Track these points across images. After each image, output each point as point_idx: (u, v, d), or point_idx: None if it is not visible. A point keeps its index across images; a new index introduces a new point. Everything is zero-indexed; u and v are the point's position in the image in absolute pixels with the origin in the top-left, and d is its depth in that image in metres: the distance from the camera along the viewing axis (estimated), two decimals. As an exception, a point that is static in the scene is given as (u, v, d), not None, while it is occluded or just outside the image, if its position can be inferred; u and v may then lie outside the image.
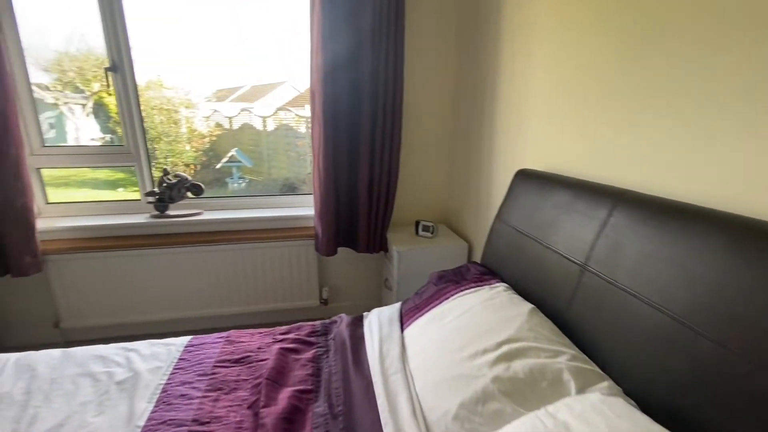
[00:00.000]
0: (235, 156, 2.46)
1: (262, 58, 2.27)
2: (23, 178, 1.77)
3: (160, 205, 2.07)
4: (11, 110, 1.71)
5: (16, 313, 2.01)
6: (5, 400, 0.99)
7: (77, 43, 2.05)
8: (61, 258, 1.92)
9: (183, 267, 2.04)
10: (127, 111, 2.01)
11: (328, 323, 1.38)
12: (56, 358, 1.16)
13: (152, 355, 1.18)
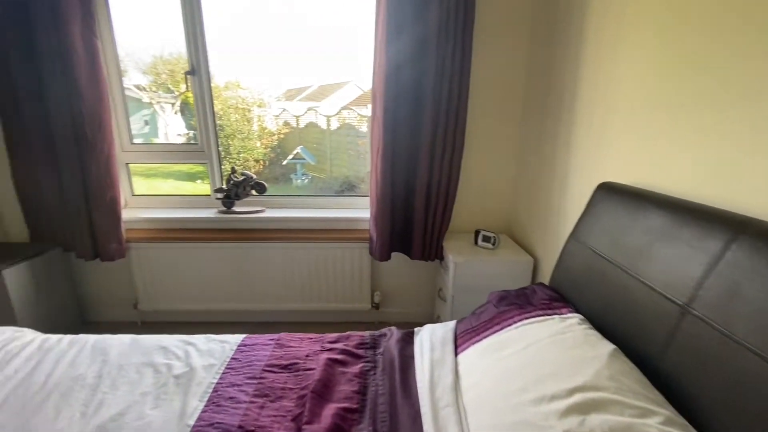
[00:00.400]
0: (299, 153, 2.51)
1: (329, 58, 2.28)
2: (113, 174, 1.95)
3: (227, 201, 2.17)
4: (105, 112, 1.89)
5: (103, 292, 2.24)
6: (79, 382, 1.07)
7: (169, 48, 2.23)
8: (141, 246, 2.10)
9: (244, 262, 2.13)
10: (202, 112, 2.13)
11: (378, 336, 1.32)
12: (126, 344, 1.25)
13: (208, 352, 1.22)
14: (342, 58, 2.28)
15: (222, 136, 2.58)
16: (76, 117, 1.82)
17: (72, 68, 1.77)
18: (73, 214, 1.96)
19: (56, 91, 1.80)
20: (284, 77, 2.43)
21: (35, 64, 1.78)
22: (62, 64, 1.76)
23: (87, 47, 1.80)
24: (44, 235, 2.05)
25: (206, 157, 2.21)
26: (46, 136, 1.88)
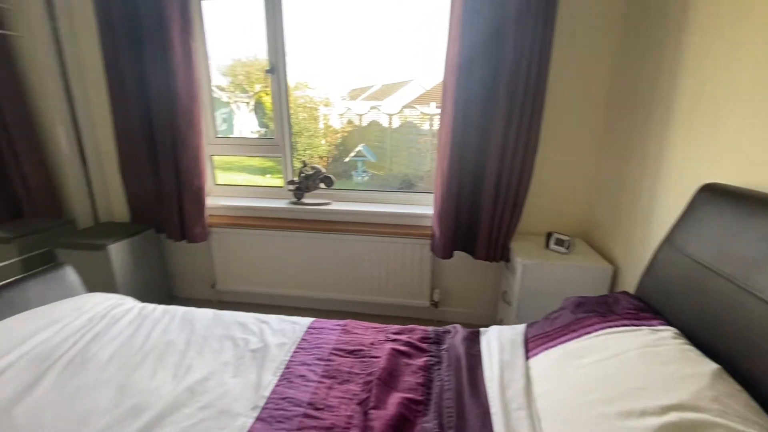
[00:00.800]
0: (361, 151, 2.57)
1: (393, 57, 2.30)
2: (200, 164, 2.14)
3: (297, 192, 2.29)
4: (196, 108, 2.08)
5: (187, 271, 2.48)
6: (171, 347, 1.19)
7: (246, 52, 2.40)
8: (221, 231, 2.28)
9: (311, 251, 2.22)
10: (279, 108, 2.26)
11: (442, 332, 1.31)
12: (209, 317, 1.37)
13: (280, 331, 1.29)
14: (406, 57, 2.28)
15: (292, 135, 2.72)
16: (172, 113, 2.03)
17: (171, 69, 1.97)
18: (166, 200, 2.19)
19: (158, 89, 2.02)
20: (349, 77, 2.50)
21: (142, 64, 2.01)
22: (163, 65, 1.97)
23: (184, 50, 2.00)
24: (142, 216, 2.32)
25: (280, 151, 2.34)
26: (147, 129, 2.12)
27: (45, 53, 2.10)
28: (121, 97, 2.10)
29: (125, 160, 2.21)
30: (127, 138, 2.16)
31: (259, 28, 2.16)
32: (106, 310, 1.39)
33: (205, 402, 0.98)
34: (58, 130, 2.21)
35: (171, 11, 1.91)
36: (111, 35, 2.00)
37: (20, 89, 2.19)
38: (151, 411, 0.93)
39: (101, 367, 1.09)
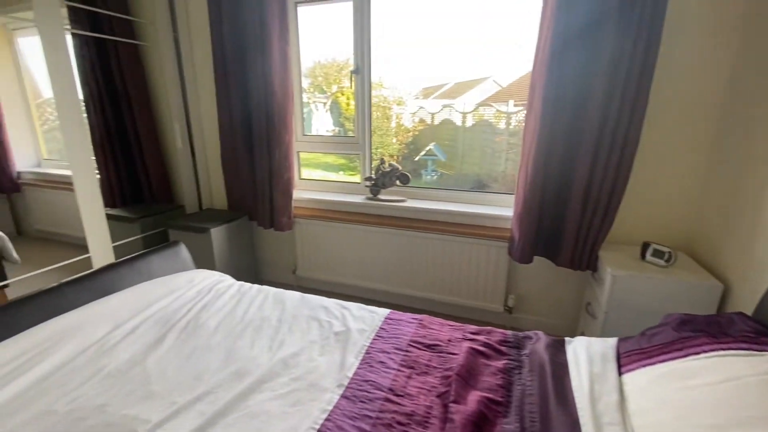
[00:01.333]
0: (432, 150, 2.57)
1: (468, 54, 2.25)
2: (290, 159, 2.32)
3: (374, 189, 2.37)
4: (289, 108, 2.26)
5: (272, 256, 2.71)
6: (266, 322, 1.32)
7: (326, 53, 2.54)
8: (304, 222, 2.45)
9: (386, 246, 2.29)
10: (361, 108, 2.36)
11: (522, 337, 1.27)
12: (297, 299, 1.48)
13: (360, 318, 1.36)
14: (482, 53, 2.22)
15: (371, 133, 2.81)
16: (269, 111, 2.23)
17: (269, 72, 2.16)
18: (259, 191, 2.41)
19: (256, 90, 2.23)
20: (423, 75, 2.49)
21: (244, 68, 2.24)
22: (263, 68, 2.17)
23: (281, 54, 2.18)
24: (237, 205, 2.58)
25: (360, 149, 2.44)
26: (246, 127, 2.35)
27: (167, 60, 2.44)
28: (225, 98, 2.36)
29: (226, 154, 2.48)
30: (228, 135, 2.42)
31: (342, 30, 2.27)
32: (212, 284, 1.58)
33: (296, 374, 1.07)
34: (175, 128, 2.54)
35: (272, 20, 2.10)
36: (220, 44, 2.26)
37: (146, 92, 2.58)
38: (252, 376, 1.05)
39: (210, 333, 1.25)
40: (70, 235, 3.21)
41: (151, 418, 0.90)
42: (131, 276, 1.50)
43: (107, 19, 2.37)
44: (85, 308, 1.28)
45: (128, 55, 2.48)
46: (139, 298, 1.38)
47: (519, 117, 2.23)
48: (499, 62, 2.23)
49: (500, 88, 2.35)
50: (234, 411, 0.93)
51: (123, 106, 2.60)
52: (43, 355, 1.08)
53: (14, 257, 2.27)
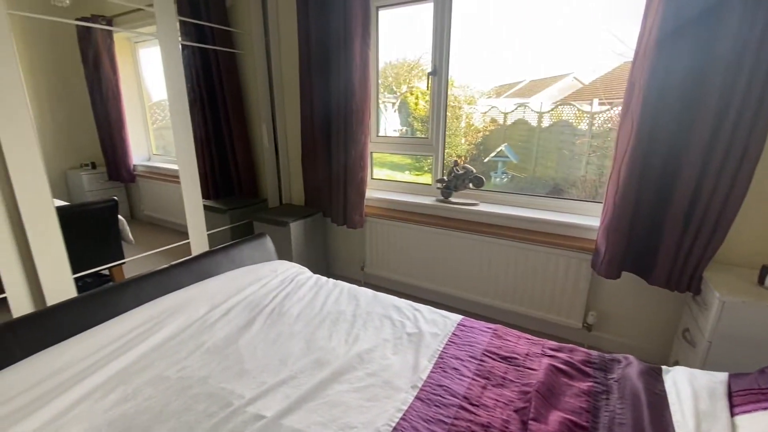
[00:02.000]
0: (503, 151, 2.46)
1: (546, 49, 2.11)
2: (365, 159, 2.39)
3: (446, 191, 2.35)
4: (366, 109, 2.33)
5: (342, 252, 2.82)
6: (342, 316, 1.38)
7: (396, 54, 2.56)
8: (374, 220, 2.52)
9: (455, 250, 2.26)
10: (437, 110, 2.35)
11: (609, 359, 1.17)
12: (370, 296, 1.53)
13: (432, 321, 1.36)
14: (561, 48, 2.06)
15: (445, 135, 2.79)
16: (347, 112, 2.32)
17: (351, 74, 2.25)
18: (334, 188, 2.52)
19: (337, 93, 2.33)
20: (496, 73, 2.39)
21: (327, 72, 2.35)
22: (345, 71, 2.26)
23: (362, 57, 2.26)
24: (313, 202, 2.72)
25: (433, 150, 2.44)
26: (325, 128, 2.47)
27: (259, 67, 2.65)
28: (308, 101, 2.50)
29: (306, 153, 2.63)
30: (309, 135, 2.56)
31: (414, 31, 2.27)
32: (293, 275, 1.69)
33: (371, 370, 1.10)
34: (262, 129, 2.76)
35: (355, 24, 2.18)
36: (306, 49, 2.40)
37: (239, 96, 2.83)
38: (331, 366, 1.11)
39: (292, 321, 1.34)
40: (170, 221, 3.66)
41: (245, 394, 0.99)
42: (225, 262, 1.66)
43: (210, 30, 2.65)
44: (188, 289, 1.45)
45: (226, 62, 2.75)
46: (231, 283, 1.53)
47: (604, 117, 2.06)
48: (581, 57, 2.07)
49: (582, 85, 2.18)
50: (315, 398, 0.99)
51: (219, 109, 2.89)
52: (157, 327, 1.24)
53: (130, 238, 2.64)
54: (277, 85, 2.71)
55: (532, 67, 2.29)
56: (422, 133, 2.74)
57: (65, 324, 1.17)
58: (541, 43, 2.14)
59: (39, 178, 1.62)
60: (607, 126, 2.09)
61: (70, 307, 1.21)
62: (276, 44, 2.64)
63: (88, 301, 1.25)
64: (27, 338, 1.09)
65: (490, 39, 2.27)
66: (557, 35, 2.08)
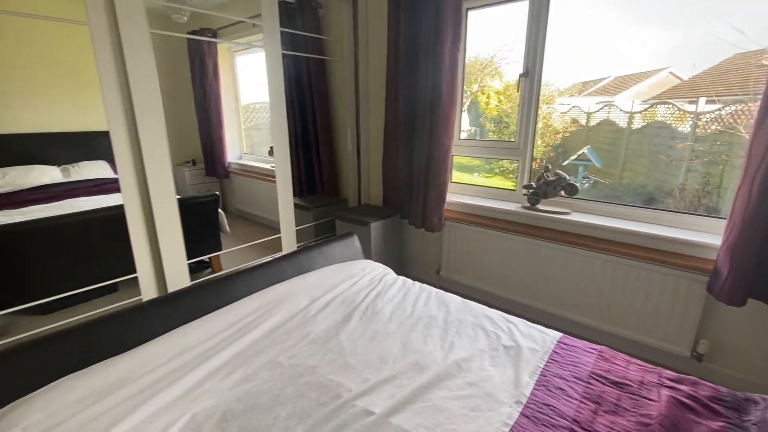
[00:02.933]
0: (585, 154, 2.28)
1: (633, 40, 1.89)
2: (447, 162, 2.38)
3: (533, 198, 2.25)
4: (453, 112, 2.31)
5: (418, 254, 2.83)
6: (434, 321, 1.39)
7: (468, 52, 2.48)
8: (452, 224, 2.49)
9: (540, 260, 2.15)
10: (527, 112, 2.26)
11: (742, 398, 1.04)
12: (459, 303, 1.52)
13: (529, 336, 1.31)
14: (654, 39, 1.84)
15: (506, 134, 2.67)
16: (433, 115, 2.32)
17: (439, 77, 2.24)
18: (414, 191, 2.54)
19: (423, 96, 2.34)
20: (577, 68, 2.22)
21: (415, 76, 2.37)
22: (434, 74, 2.26)
23: (451, 60, 2.24)
24: (391, 203, 2.77)
25: (520, 155, 2.35)
26: (409, 131, 2.50)
27: (347, 72, 2.76)
28: (393, 104, 2.55)
29: (388, 155, 2.68)
30: (392, 137, 2.61)
31: (493, 29, 2.20)
32: (380, 275, 1.74)
33: (470, 379, 1.10)
34: (347, 132, 2.87)
35: (446, 26, 2.17)
36: (395, 53, 2.44)
37: (326, 100, 2.97)
38: (430, 371, 1.12)
39: (386, 321, 1.38)
40: (258, 215, 3.97)
41: (351, 387, 1.04)
42: (319, 258, 1.76)
43: (302, 39, 2.82)
44: (290, 281, 1.56)
45: (316, 69, 2.90)
46: (327, 279, 1.61)
47: (710, 117, 1.82)
48: (679, 49, 1.83)
49: (679, 81, 1.95)
50: (418, 400, 1.01)
51: (308, 112, 3.07)
52: (266, 316, 1.35)
53: (227, 229, 2.91)
54: (362, 91, 2.80)
55: (618, 62, 2.09)
56: (495, 134, 2.66)
57: (192, 306, 1.32)
58: (629, 33, 1.94)
59: (166, 173, 1.86)
60: (714, 128, 1.85)
61: (195, 292, 1.37)
62: (364, 51, 2.73)
63: (208, 287, 1.40)
64: (165, 316, 1.25)
65: (570, 31, 2.11)
66: (649, 24, 1.87)
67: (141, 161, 1.78)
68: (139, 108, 1.72)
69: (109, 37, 1.61)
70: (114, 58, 1.64)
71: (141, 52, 1.68)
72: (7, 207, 2.59)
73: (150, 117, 1.76)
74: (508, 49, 2.47)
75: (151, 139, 1.78)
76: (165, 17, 3.67)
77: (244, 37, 3.65)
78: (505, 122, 2.65)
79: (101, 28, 1.59)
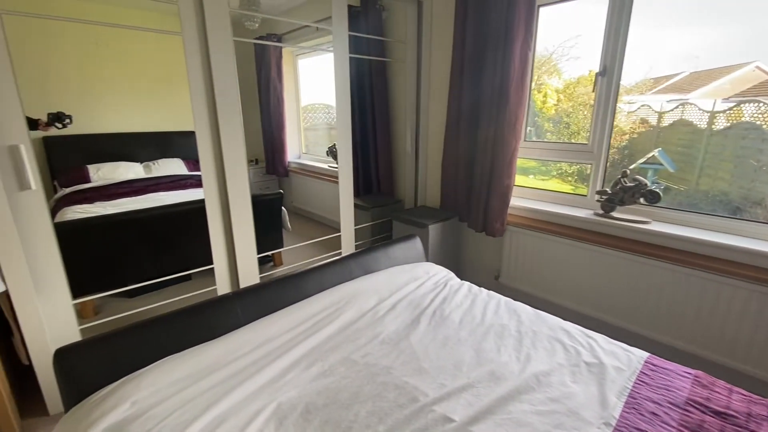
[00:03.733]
0: (655, 157, 2.08)
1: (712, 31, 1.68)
2: (512, 165, 2.30)
3: (607, 204, 2.11)
4: (521, 113, 2.23)
5: (476, 259, 2.77)
6: (506, 330, 1.35)
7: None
8: (515, 229, 2.41)
9: (617, 272, 2.01)
10: (603, 113, 2.12)
11: None
12: (531, 313, 1.46)
13: (611, 353, 1.23)
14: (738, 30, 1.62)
15: (566, 135, 2.51)
16: (499, 116, 2.25)
17: (507, 76, 2.18)
18: (475, 194, 2.48)
19: (489, 97, 2.28)
20: (646, 63, 2.03)
21: (480, 72, 2.32)
22: (501, 73, 2.20)
23: (521, 59, 2.17)
24: (449, 205, 2.73)
25: (594, 158, 2.21)
26: (472, 130, 2.45)
27: (409, 74, 2.76)
28: (455, 104, 2.51)
29: (447, 157, 2.65)
30: (453, 138, 2.58)
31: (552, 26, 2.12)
32: (444, 279, 1.72)
33: (552, 395, 1.05)
34: (406, 133, 2.88)
35: (518, 23, 2.10)
36: (460, 51, 2.40)
37: (386, 101, 3.00)
38: (508, 383, 1.09)
39: (456, 327, 1.36)
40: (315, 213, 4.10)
41: (428, 392, 1.04)
42: (383, 259, 1.78)
43: (365, 41, 2.86)
44: (358, 281, 1.59)
45: (377, 70, 2.94)
46: (392, 279, 1.63)
47: None
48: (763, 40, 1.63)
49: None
50: (498, 412, 0.98)
51: (367, 113, 3.11)
52: (338, 313, 1.39)
53: (288, 226, 3.03)
54: (423, 92, 2.79)
55: (693, 56, 1.90)
56: (553, 135, 2.53)
57: (270, 299, 1.39)
58: (706, 23, 1.75)
59: (242, 172, 1.97)
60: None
61: (273, 286, 1.44)
62: (427, 52, 2.72)
63: (284, 282, 1.47)
64: (247, 307, 1.33)
65: (639, 21, 1.94)
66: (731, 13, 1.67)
67: (221, 160, 1.91)
68: (222, 110, 1.84)
69: (198, 46, 1.74)
70: (202, 64, 1.77)
71: (225, 59, 1.80)
72: (100, 199, 2.89)
73: (230, 119, 1.87)
74: (569, 46, 2.36)
75: (231, 139, 1.90)
76: (238, 24, 3.90)
77: (310, 41, 3.78)
78: (564, 122, 2.52)
79: (192, 38, 1.72)
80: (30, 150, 1.43)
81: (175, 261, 2.49)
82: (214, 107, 1.83)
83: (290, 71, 4.29)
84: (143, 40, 3.33)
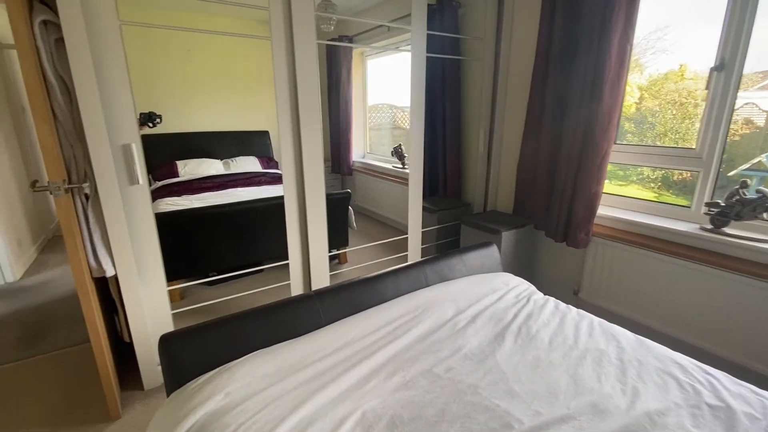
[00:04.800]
0: (762, 163, 1.77)
1: None
2: (602, 170, 2.09)
3: (719, 219, 1.84)
4: (615, 114, 2.02)
5: (552, 271, 2.58)
6: (605, 357, 1.21)
7: None
8: (600, 241, 2.19)
9: (730, 297, 1.74)
10: (716, 114, 1.85)
11: None
12: (632, 340, 1.30)
13: (740, 396, 1.04)
14: None
15: (650, 136, 2.21)
16: (590, 117, 2.06)
17: (602, 73, 1.97)
18: (556, 201, 2.30)
19: (581, 92, 2.08)
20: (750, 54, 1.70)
21: (569, 69, 2.13)
22: (595, 69, 2.00)
23: (619, 54, 1.96)
24: (524, 211, 2.57)
25: (702, 165, 1.94)
26: (555, 132, 2.27)
27: (486, 73, 2.64)
28: (537, 105, 2.35)
29: (525, 160, 2.49)
30: (532, 141, 2.41)
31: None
32: (527, 293, 1.60)
33: (670, 440, 0.91)
34: (480, 134, 2.76)
35: (616, 16, 1.90)
36: (546, 51, 2.24)
37: (458, 100, 2.89)
38: (614, 419, 0.96)
39: (546, 348, 1.25)
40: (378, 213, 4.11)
41: (523, 419, 0.95)
42: (459, 266, 1.70)
43: (439, 39, 2.78)
44: (434, 288, 1.53)
45: (451, 69, 2.84)
46: (470, 289, 1.55)
47: None
48: None
49: None
50: (607, 453, 0.87)
51: (437, 112, 3.03)
52: (415, 321, 1.35)
53: (354, 225, 3.06)
54: (500, 92, 2.65)
55: None
56: (635, 136, 2.25)
57: (348, 300, 1.39)
58: None
59: (319, 171, 2.00)
60: None
61: (352, 287, 1.43)
62: (506, 48, 2.58)
63: (362, 284, 1.46)
64: (327, 307, 1.33)
65: None
66: None
67: (300, 159, 1.95)
68: (303, 111, 1.88)
69: (285, 50, 1.79)
70: (287, 66, 1.82)
71: (309, 61, 1.84)
72: (186, 193, 3.13)
73: (311, 119, 1.91)
74: (654, 38, 2.11)
75: (310, 139, 1.93)
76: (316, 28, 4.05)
77: (381, 41, 3.79)
78: (649, 122, 2.25)
79: (280, 42, 1.78)
80: (140, 148, 1.57)
81: (252, 254, 2.62)
82: (296, 107, 1.88)
83: (359, 72, 4.34)
84: (227, 47, 3.56)
